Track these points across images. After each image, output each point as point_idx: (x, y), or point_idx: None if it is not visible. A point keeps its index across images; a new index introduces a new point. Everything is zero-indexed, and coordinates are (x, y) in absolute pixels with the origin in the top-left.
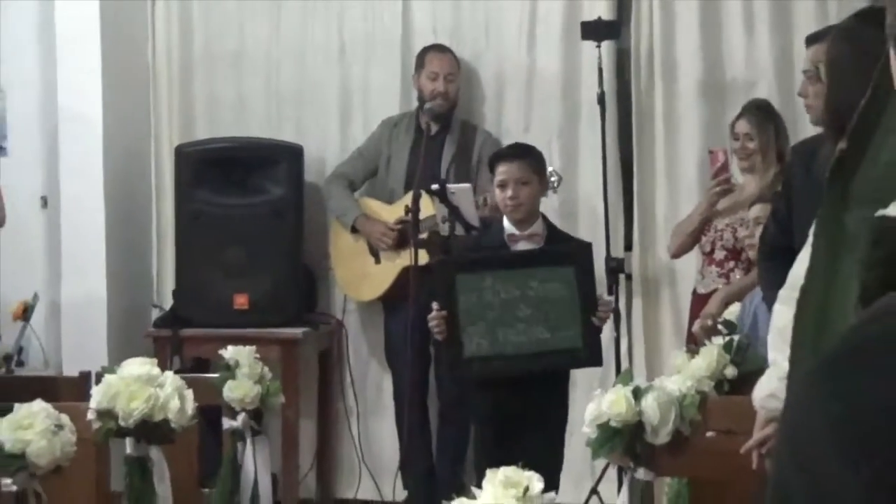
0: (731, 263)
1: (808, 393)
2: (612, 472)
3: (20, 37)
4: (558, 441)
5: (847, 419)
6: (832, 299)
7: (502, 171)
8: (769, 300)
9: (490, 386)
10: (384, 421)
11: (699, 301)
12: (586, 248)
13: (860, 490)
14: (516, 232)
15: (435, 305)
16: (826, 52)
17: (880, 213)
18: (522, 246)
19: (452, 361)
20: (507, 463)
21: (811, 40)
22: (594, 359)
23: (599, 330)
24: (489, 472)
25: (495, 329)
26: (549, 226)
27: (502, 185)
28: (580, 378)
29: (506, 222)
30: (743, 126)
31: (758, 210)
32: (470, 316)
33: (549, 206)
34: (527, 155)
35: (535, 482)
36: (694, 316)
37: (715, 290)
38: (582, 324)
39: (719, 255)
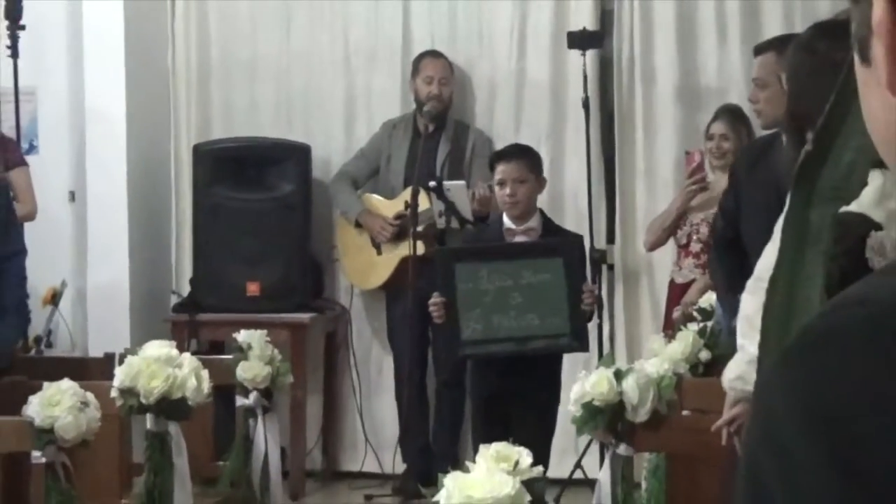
0: (707, 255)
1: (776, 378)
2: (595, 448)
3: (50, 45)
4: (550, 419)
5: (811, 403)
6: (798, 289)
7: (501, 170)
8: (720, 288)
9: (485, 367)
10: (385, 399)
11: (676, 290)
12: (576, 240)
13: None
14: (514, 226)
15: (435, 293)
16: (788, 62)
17: (843, 209)
18: (519, 240)
19: (450, 344)
20: (502, 439)
21: (758, 51)
22: (581, 344)
23: (587, 317)
24: (482, 447)
25: (490, 315)
26: (545, 221)
27: (501, 184)
28: (566, 361)
29: (504, 217)
30: (719, 127)
31: None
32: (467, 302)
33: (539, 201)
34: (524, 155)
35: (525, 457)
36: (671, 304)
37: (693, 281)
38: (570, 311)
39: (695, 247)
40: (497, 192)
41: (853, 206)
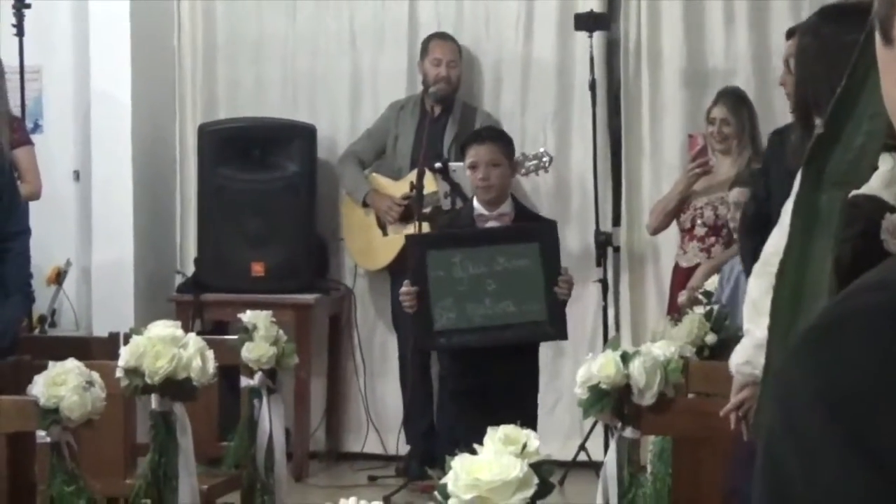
0: (712, 239)
1: (795, 361)
2: (600, 430)
3: (56, 24)
4: (531, 409)
5: (831, 386)
6: (807, 272)
7: (473, 153)
8: (748, 272)
9: (460, 357)
10: (389, 380)
11: (681, 274)
12: (551, 225)
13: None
14: (485, 212)
15: (406, 281)
16: (796, 45)
17: (853, 193)
18: (491, 225)
19: (423, 334)
20: (479, 430)
21: (790, 34)
22: (559, 332)
23: (563, 304)
24: (490, 430)
25: (464, 303)
26: (518, 206)
27: (473, 167)
28: (568, 345)
29: (475, 202)
30: (719, 111)
31: (737, 194)
32: (440, 290)
33: (543, 184)
34: (497, 138)
35: (533, 439)
36: (676, 287)
37: (697, 265)
38: (546, 298)
39: (700, 231)
40: (470, 175)
41: (864, 191)
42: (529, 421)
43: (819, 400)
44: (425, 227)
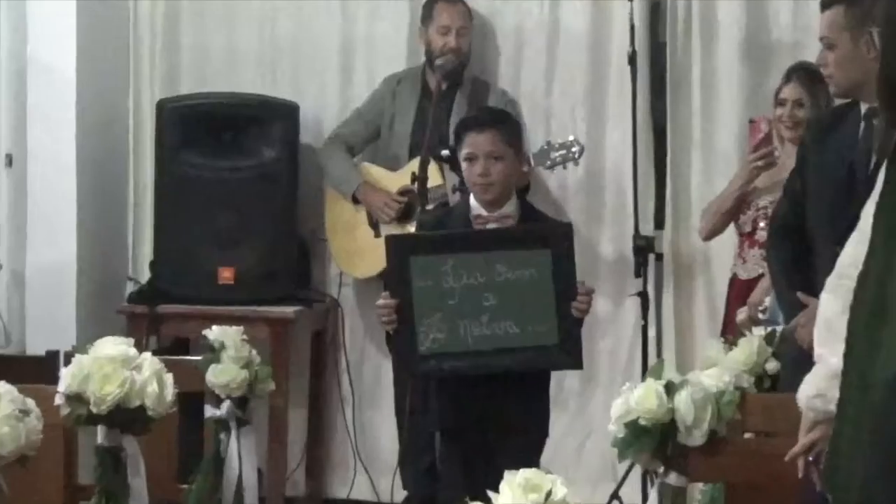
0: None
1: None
2: (636, 475)
3: None
4: (534, 455)
5: None
6: (891, 287)
7: (471, 142)
8: (777, 282)
9: (450, 389)
10: (383, 411)
11: (740, 287)
12: (565, 228)
13: None
14: (484, 213)
15: (384, 292)
16: (882, 11)
17: None
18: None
19: (404, 358)
20: (475, 478)
21: (825, 5)
22: (572, 359)
23: (579, 325)
24: (507, 475)
25: (455, 321)
26: (525, 206)
27: (470, 159)
28: (600, 372)
29: (472, 201)
30: (792, 91)
31: None
32: (426, 305)
33: (571, 178)
34: (501, 123)
35: (559, 486)
36: (733, 303)
37: (760, 276)
38: (558, 317)
39: (762, 235)
40: (465, 169)
41: None
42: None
43: None
44: None
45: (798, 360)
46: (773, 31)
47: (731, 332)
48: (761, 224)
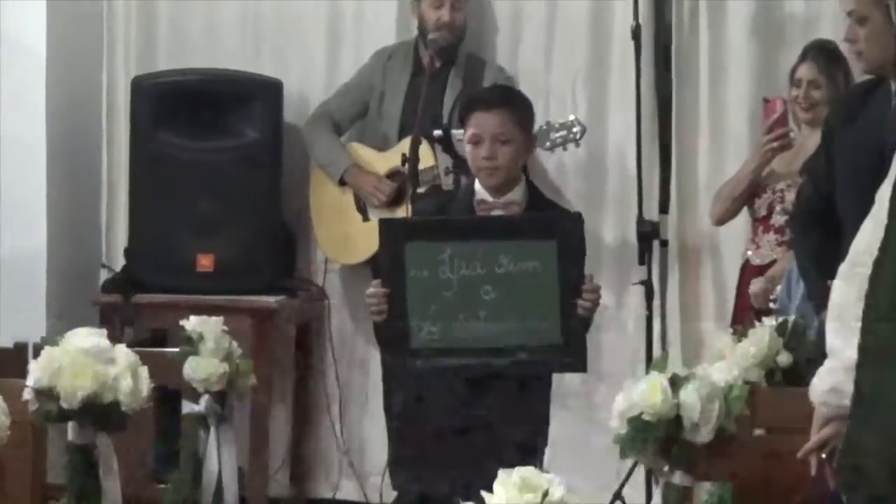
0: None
1: None
2: (640, 474)
3: None
4: (534, 462)
5: None
6: None
7: (476, 122)
8: (803, 269)
9: (444, 389)
10: (371, 408)
11: (752, 273)
12: (575, 218)
13: None
14: (489, 199)
15: (375, 281)
16: None
17: None
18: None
19: (395, 353)
20: (468, 486)
21: None
22: (576, 361)
23: (585, 324)
24: (502, 474)
25: (451, 315)
26: (534, 193)
27: (476, 141)
28: (603, 365)
29: (477, 185)
30: (807, 71)
31: None
32: (420, 297)
33: (571, 160)
34: (510, 103)
35: (557, 486)
36: (746, 291)
37: (774, 262)
38: (562, 315)
39: (778, 220)
40: (470, 152)
41: None
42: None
43: None
44: None
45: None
46: (785, 4)
47: (741, 323)
48: (777, 208)
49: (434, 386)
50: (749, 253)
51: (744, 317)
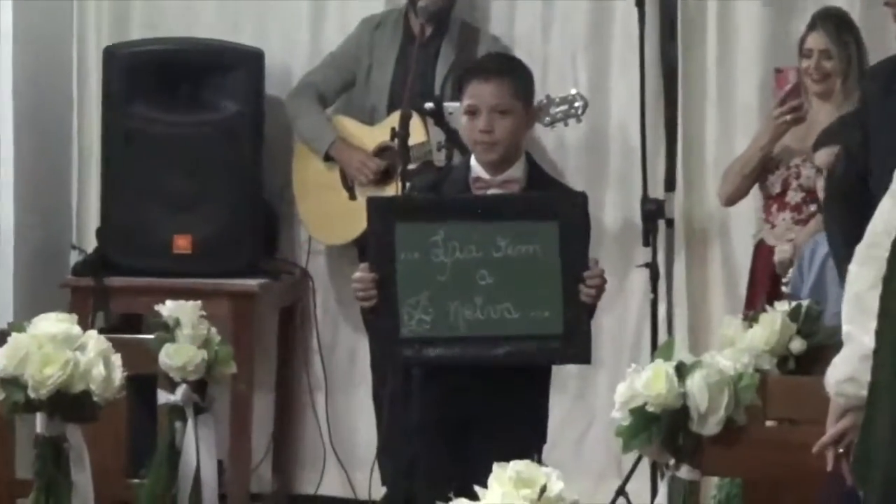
0: (812, 207)
1: None
2: (644, 468)
3: None
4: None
5: None
6: None
7: (473, 92)
8: (838, 254)
9: (435, 380)
10: (359, 398)
11: (768, 255)
12: (578, 198)
13: None
14: (486, 176)
15: (363, 265)
16: None
17: None
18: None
19: (383, 342)
20: (461, 481)
21: None
22: (579, 351)
23: (589, 312)
24: (496, 468)
25: (445, 301)
26: (534, 170)
27: (472, 112)
28: (604, 351)
29: (473, 162)
30: (816, 40)
31: (826, 155)
32: (411, 281)
33: (572, 136)
34: (510, 72)
35: (555, 480)
36: (760, 273)
37: (790, 242)
38: (564, 302)
39: (794, 196)
40: (466, 125)
41: None
42: None
43: None
44: None
45: None
46: None
47: (755, 307)
48: (793, 184)
49: (426, 375)
50: (763, 233)
51: (757, 301)
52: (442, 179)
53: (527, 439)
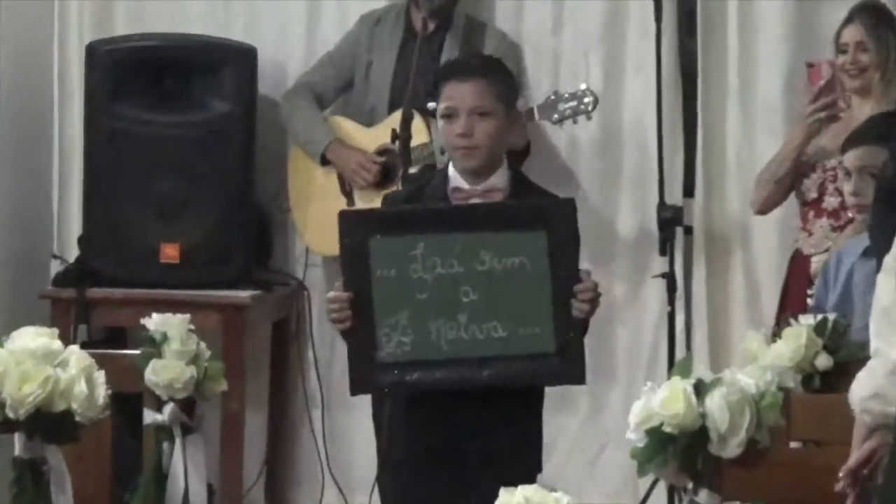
0: (850, 213)
1: None
2: (661, 492)
3: None
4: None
5: None
6: None
7: (450, 94)
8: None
9: (417, 406)
10: (357, 415)
11: (805, 264)
12: (566, 205)
13: None
14: (465, 185)
15: (337, 283)
16: None
17: None
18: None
19: (360, 367)
20: None
21: None
22: (572, 370)
23: (582, 328)
24: (503, 492)
25: (426, 321)
26: (517, 179)
27: (449, 115)
28: (618, 368)
29: (451, 171)
30: (853, 33)
31: (857, 157)
32: (388, 301)
33: (584, 135)
34: (490, 72)
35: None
36: (796, 283)
37: (827, 251)
38: (555, 318)
39: (831, 202)
40: (442, 129)
41: None
42: None
43: None
44: None
45: None
46: None
47: (782, 319)
48: (830, 188)
49: (409, 402)
50: (799, 242)
51: (793, 311)
52: (418, 190)
53: (520, 468)
